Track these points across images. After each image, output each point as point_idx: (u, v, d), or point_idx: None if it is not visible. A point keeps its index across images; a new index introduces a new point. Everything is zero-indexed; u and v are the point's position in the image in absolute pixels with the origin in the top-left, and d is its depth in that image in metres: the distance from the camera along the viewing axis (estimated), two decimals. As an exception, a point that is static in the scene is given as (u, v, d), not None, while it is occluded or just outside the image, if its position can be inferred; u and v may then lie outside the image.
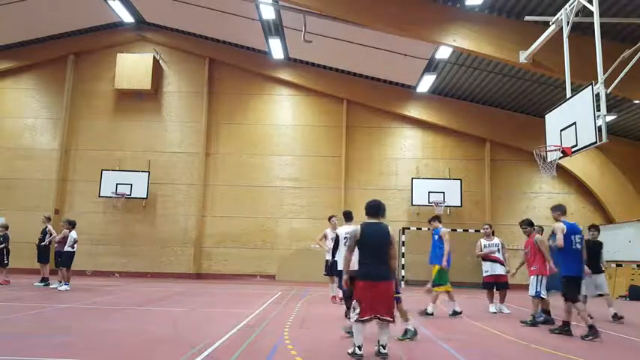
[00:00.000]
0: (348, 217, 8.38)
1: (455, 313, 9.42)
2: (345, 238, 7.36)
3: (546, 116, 10.67)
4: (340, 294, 11.83)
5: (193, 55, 20.63)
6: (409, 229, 18.94)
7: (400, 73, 18.55)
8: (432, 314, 9.32)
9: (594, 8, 9.23)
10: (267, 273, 19.14)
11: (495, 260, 10.63)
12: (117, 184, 19.02)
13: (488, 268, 10.66)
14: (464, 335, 7.55)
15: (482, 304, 11.23)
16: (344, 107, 20.02)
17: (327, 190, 19.62)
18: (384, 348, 5.56)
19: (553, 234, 7.87)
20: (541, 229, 9.62)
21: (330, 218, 12.04)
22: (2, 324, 7.21)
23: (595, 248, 9.52)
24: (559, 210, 7.96)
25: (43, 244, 14.05)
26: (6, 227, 14.49)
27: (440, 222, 10.02)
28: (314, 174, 19.78)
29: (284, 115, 20.40)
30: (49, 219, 14.68)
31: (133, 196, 19.08)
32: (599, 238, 9.92)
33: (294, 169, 19.89)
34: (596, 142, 8.74)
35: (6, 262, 14.01)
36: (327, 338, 6.90)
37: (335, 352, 5.99)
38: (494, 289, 10.66)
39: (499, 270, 10.57)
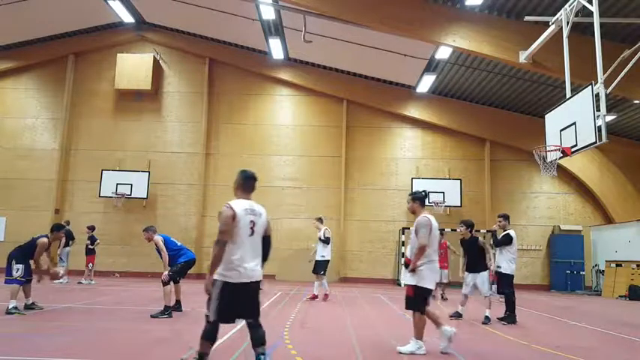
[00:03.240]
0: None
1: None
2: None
3: (546, 116, 10.67)
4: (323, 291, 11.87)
5: (193, 55, 20.64)
6: (409, 229, 18.91)
7: (400, 73, 18.56)
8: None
9: (594, 8, 9.23)
10: (267, 273, 19.08)
11: None
12: (117, 184, 19.02)
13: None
14: (464, 335, 7.55)
15: (483, 303, 11.22)
16: (344, 107, 20.03)
17: (327, 190, 19.62)
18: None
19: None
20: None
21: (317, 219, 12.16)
22: (2, 324, 7.21)
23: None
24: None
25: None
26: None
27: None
28: (314, 174, 19.78)
29: (284, 115, 20.40)
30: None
31: (133, 196, 19.08)
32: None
33: (294, 169, 19.89)
34: (596, 142, 8.74)
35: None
36: (327, 338, 6.91)
37: (335, 352, 5.99)
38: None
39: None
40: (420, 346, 5.87)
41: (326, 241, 11.75)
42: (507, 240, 8.95)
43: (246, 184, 4.89)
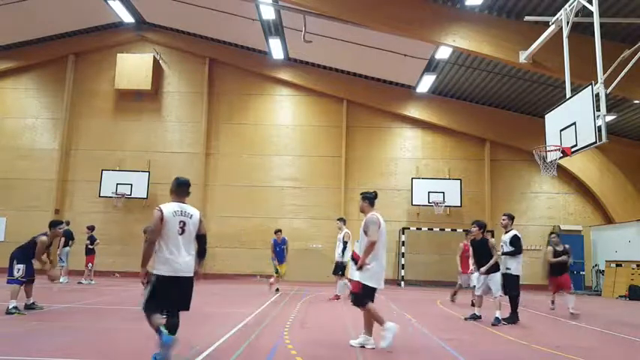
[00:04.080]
0: None
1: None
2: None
3: (546, 116, 10.67)
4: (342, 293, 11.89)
5: (193, 55, 20.63)
6: (409, 229, 18.95)
7: (400, 73, 18.55)
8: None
9: (594, 8, 9.23)
10: (267, 273, 19.11)
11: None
12: (117, 184, 19.02)
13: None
14: (464, 335, 7.55)
15: (483, 303, 11.21)
16: (344, 107, 20.03)
17: (327, 190, 19.62)
18: None
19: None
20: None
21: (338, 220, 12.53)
22: (2, 324, 7.21)
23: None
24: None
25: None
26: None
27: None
28: (314, 174, 19.78)
29: (284, 115, 20.40)
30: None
31: (133, 196, 19.08)
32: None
33: (294, 169, 19.89)
34: (596, 142, 8.74)
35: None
36: (327, 338, 6.90)
37: (335, 352, 5.99)
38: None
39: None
40: (390, 328, 5.94)
41: (344, 244, 12.00)
42: (519, 242, 9.08)
43: (179, 189, 5.48)
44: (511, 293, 9.01)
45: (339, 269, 12.21)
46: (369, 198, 6.65)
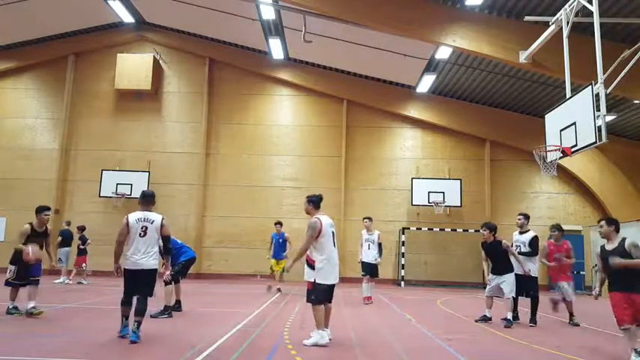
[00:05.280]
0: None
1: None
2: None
3: (546, 116, 10.67)
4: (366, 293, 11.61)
5: (193, 55, 20.63)
6: (409, 229, 18.95)
7: (400, 73, 18.55)
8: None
9: (594, 8, 9.23)
10: (267, 273, 19.12)
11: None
12: (117, 184, 19.02)
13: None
14: (464, 335, 7.55)
15: (483, 303, 11.21)
16: (344, 107, 20.03)
17: (327, 190, 19.52)
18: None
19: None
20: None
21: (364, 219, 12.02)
22: (2, 324, 7.21)
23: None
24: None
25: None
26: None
27: None
28: (314, 174, 19.78)
29: (284, 115, 20.40)
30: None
31: (133, 196, 19.03)
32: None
33: (294, 169, 19.89)
34: (596, 142, 8.74)
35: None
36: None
37: (335, 352, 5.99)
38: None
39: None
40: (322, 336, 6.31)
41: (379, 245, 11.63)
42: (538, 244, 9.15)
43: (144, 200, 6.85)
44: (534, 295, 9.00)
45: (375, 270, 11.64)
46: (314, 201, 6.99)
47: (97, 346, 5.95)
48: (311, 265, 6.53)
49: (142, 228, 6.44)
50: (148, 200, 6.83)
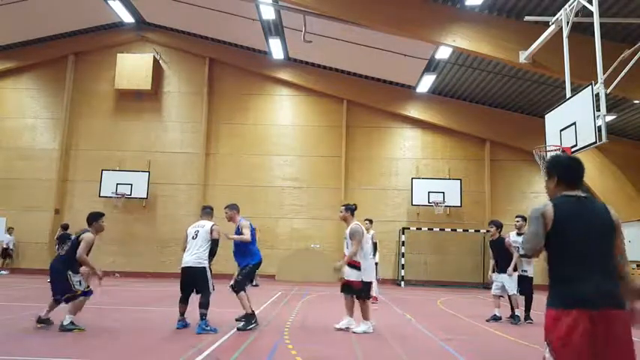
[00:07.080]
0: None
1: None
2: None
3: (546, 116, 10.66)
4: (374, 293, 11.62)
5: (193, 55, 20.63)
6: (409, 229, 18.95)
7: (400, 73, 18.55)
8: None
9: (594, 8, 9.23)
10: (267, 273, 19.12)
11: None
12: (117, 184, 19.01)
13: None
14: (464, 335, 7.55)
15: (483, 303, 11.23)
16: (344, 107, 20.02)
17: (327, 190, 19.62)
18: None
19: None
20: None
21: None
22: (3, 324, 7.21)
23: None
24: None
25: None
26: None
27: None
28: (314, 174, 19.78)
29: (284, 115, 20.40)
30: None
31: (133, 196, 19.07)
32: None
33: (294, 169, 19.89)
34: (596, 142, 8.74)
35: None
36: (327, 338, 6.90)
37: (335, 352, 5.99)
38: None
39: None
40: (369, 326, 7.18)
41: (374, 245, 11.62)
42: None
43: (202, 212, 8.12)
44: (528, 294, 9.19)
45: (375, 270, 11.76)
46: (352, 209, 7.75)
47: (97, 346, 5.95)
48: (356, 267, 7.27)
49: (194, 232, 7.43)
50: (205, 212, 8.11)
